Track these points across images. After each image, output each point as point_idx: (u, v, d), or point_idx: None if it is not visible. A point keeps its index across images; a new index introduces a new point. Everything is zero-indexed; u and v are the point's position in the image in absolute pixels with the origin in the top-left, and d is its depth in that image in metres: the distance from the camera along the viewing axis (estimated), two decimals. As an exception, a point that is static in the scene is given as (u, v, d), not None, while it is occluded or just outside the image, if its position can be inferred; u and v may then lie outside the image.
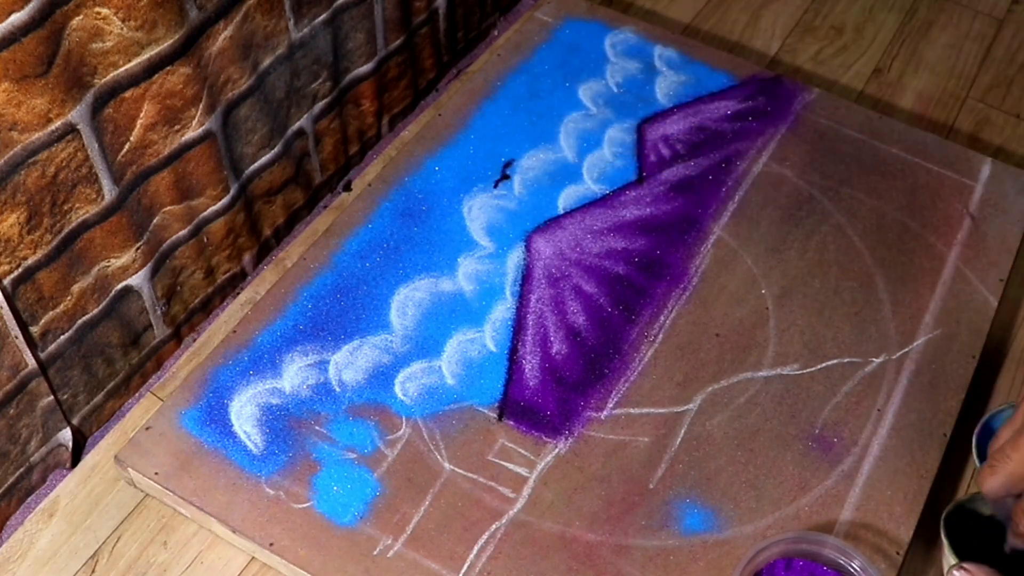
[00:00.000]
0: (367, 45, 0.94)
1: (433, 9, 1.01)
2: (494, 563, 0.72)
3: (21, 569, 0.74)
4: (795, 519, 0.75)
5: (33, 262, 0.70)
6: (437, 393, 0.81)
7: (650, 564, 0.73)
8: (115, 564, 0.74)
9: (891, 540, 0.74)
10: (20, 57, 0.62)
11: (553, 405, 0.80)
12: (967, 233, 0.92)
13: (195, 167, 0.80)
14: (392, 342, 0.83)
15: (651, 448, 0.78)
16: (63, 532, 0.75)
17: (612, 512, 0.75)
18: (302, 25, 0.85)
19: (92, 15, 0.66)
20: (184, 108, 0.76)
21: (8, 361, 0.71)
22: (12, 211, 0.67)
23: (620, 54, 1.06)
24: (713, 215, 0.93)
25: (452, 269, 0.88)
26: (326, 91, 0.92)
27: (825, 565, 0.71)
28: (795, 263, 0.90)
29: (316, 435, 0.78)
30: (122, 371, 0.83)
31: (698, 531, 0.74)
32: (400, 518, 0.74)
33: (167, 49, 0.72)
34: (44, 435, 0.77)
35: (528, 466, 0.77)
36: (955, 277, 0.89)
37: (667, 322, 0.86)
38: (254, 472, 0.76)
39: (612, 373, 0.82)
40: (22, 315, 0.71)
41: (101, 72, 0.69)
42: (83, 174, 0.71)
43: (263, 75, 0.83)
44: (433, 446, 0.78)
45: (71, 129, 0.68)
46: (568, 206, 0.93)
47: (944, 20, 1.19)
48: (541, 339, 0.84)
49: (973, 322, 0.86)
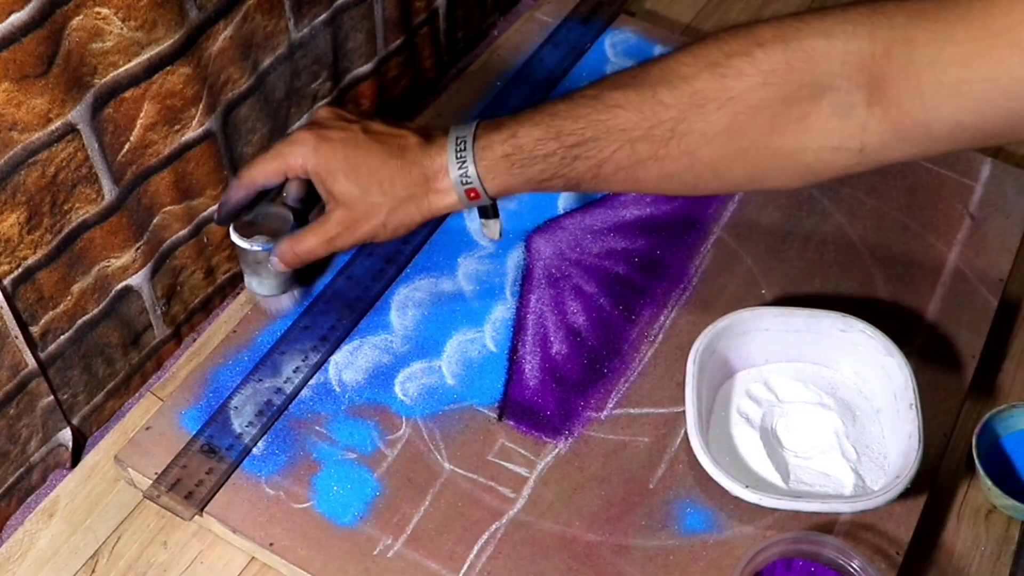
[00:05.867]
0: (367, 45, 0.94)
1: (433, 9, 1.01)
2: (494, 563, 0.72)
3: (21, 569, 0.74)
4: (795, 519, 0.75)
5: (33, 262, 0.70)
6: (437, 393, 0.81)
7: (650, 564, 0.73)
8: (115, 564, 0.74)
9: (891, 540, 0.74)
10: (20, 57, 0.62)
11: (553, 405, 0.80)
12: (967, 233, 0.92)
13: (195, 167, 0.80)
14: (392, 342, 0.83)
15: (651, 448, 0.78)
16: (63, 532, 0.75)
17: (612, 512, 0.75)
18: (302, 25, 0.85)
19: (92, 15, 0.66)
20: (184, 108, 0.76)
21: (8, 361, 0.71)
22: (12, 211, 0.67)
23: (620, 54, 1.06)
24: (713, 215, 0.93)
25: (452, 269, 0.88)
26: (326, 91, 0.92)
27: (825, 565, 0.71)
28: (795, 263, 0.90)
29: (316, 435, 0.78)
30: (122, 371, 0.83)
31: (698, 531, 0.74)
32: (400, 518, 0.74)
33: (167, 49, 0.72)
34: (44, 435, 0.77)
35: (528, 466, 0.77)
36: (955, 277, 0.89)
37: (667, 322, 0.85)
38: (254, 472, 0.76)
39: (612, 373, 0.82)
40: (22, 315, 0.71)
41: (101, 72, 0.69)
42: (83, 174, 0.71)
43: (263, 75, 0.83)
44: (433, 446, 0.78)
45: (71, 129, 0.68)
46: (568, 206, 0.93)
47: (944, 20, 1.19)
48: (541, 339, 0.84)
49: (973, 322, 0.86)
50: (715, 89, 0.65)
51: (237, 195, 0.75)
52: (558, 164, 0.69)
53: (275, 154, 0.73)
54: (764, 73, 0.64)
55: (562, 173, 0.69)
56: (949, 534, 0.78)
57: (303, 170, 0.73)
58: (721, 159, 0.67)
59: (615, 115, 0.67)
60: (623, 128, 0.67)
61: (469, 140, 0.71)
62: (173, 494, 0.74)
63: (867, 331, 0.79)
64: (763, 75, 0.64)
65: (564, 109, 0.69)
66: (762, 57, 0.64)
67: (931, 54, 0.59)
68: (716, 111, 0.65)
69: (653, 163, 0.67)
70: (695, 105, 0.65)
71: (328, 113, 0.75)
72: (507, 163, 0.70)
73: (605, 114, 0.67)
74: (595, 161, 0.68)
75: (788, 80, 0.63)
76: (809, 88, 0.63)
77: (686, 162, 0.67)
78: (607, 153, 0.68)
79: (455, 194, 0.72)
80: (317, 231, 0.74)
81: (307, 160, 0.72)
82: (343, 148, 0.72)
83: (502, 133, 0.70)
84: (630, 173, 0.68)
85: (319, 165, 0.72)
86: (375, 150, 0.72)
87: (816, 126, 0.64)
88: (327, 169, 0.72)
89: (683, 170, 0.67)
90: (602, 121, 0.67)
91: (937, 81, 0.59)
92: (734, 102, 0.64)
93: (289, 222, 0.78)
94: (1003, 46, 0.57)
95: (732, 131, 0.65)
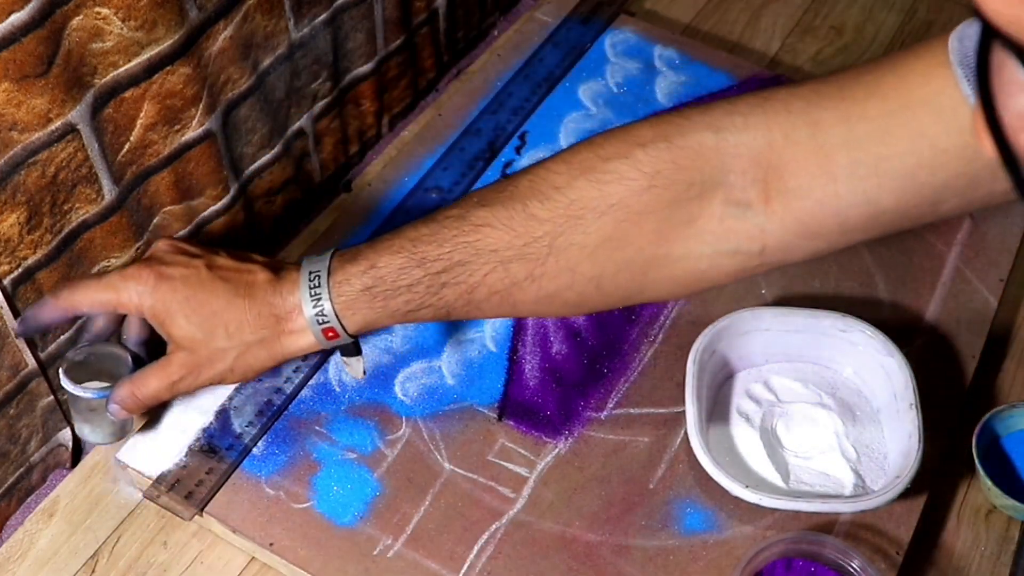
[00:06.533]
0: (367, 45, 0.94)
1: (433, 9, 1.01)
2: (494, 563, 0.72)
3: (21, 569, 0.74)
4: (795, 519, 0.75)
5: (33, 262, 0.70)
6: (437, 393, 0.81)
7: (650, 564, 0.73)
8: (115, 564, 0.74)
9: (891, 540, 0.74)
10: (20, 57, 0.62)
11: (553, 405, 0.80)
12: (967, 233, 0.92)
13: (195, 167, 0.80)
14: (392, 342, 0.83)
15: (651, 448, 0.78)
16: (63, 532, 0.75)
17: (612, 512, 0.75)
18: (302, 25, 0.85)
19: (92, 15, 0.66)
20: (184, 108, 0.76)
21: (8, 361, 0.71)
22: (12, 211, 0.67)
23: (620, 54, 1.06)
24: (713, 215, 0.93)
25: (452, 269, 0.88)
26: (326, 91, 0.92)
27: (825, 565, 0.71)
28: (795, 263, 0.90)
29: (316, 435, 0.78)
30: (122, 371, 0.83)
31: (698, 531, 0.74)
32: (400, 518, 0.74)
33: (167, 49, 0.72)
34: (44, 435, 0.77)
35: (528, 466, 0.77)
36: (955, 277, 0.89)
37: (667, 322, 0.85)
38: (254, 472, 0.76)
39: (612, 373, 0.82)
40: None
41: (101, 72, 0.69)
42: (83, 174, 0.71)
43: (263, 75, 0.83)
44: (433, 446, 0.78)
45: (71, 129, 0.68)
46: (568, 206, 0.93)
47: (944, 20, 1.19)
48: (541, 339, 0.84)
49: (973, 322, 0.86)
50: (593, 197, 0.60)
51: (50, 314, 0.67)
52: (424, 293, 0.64)
53: (107, 285, 0.66)
54: (648, 176, 0.59)
55: (430, 303, 0.65)
56: (949, 534, 0.78)
57: (138, 310, 0.67)
58: (604, 272, 0.62)
59: (484, 235, 0.62)
60: (494, 248, 0.62)
61: (323, 275, 0.65)
62: (173, 494, 0.74)
63: (867, 331, 0.79)
64: (647, 177, 0.59)
65: (427, 233, 0.64)
66: (643, 158, 0.59)
67: (841, 134, 0.55)
68: (596, 220, 0.60)
69: (530, 284, 0.63)
70: (572, 216, 0.60)
71: (167, 247, 0.69)
72: (368, 297, 0.65)
73: (473, 235, 0.62)
74: (466, 287, 0.63)
75: (675, 180, 0.59)
76: (698, 187, 0.59)
77: (566, 280, 0.62)
78: (478, 277, 0.63)
79: (311, 334, 0.67)
80: (159, 373, 0.68)
81: (143, 300, 0.66)
82: (184, 287, 0.66)
83: (359, 264, 0.65)
84: (505, 297, 0.64)
85: (157, 306, 0.66)
86: (219, 289, 0.66)
87: (708, 229, 0.60)
88: (166, 311, 0.66)
89: (564, 288, 0.63)
90: (470, 243, 0.63)
91: (853, 161, 0.55)
92: (615, 209, 0.59)
93: (127, 365, 0.70)
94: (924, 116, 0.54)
95: (615, 241, 0.60)
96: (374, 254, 0.65)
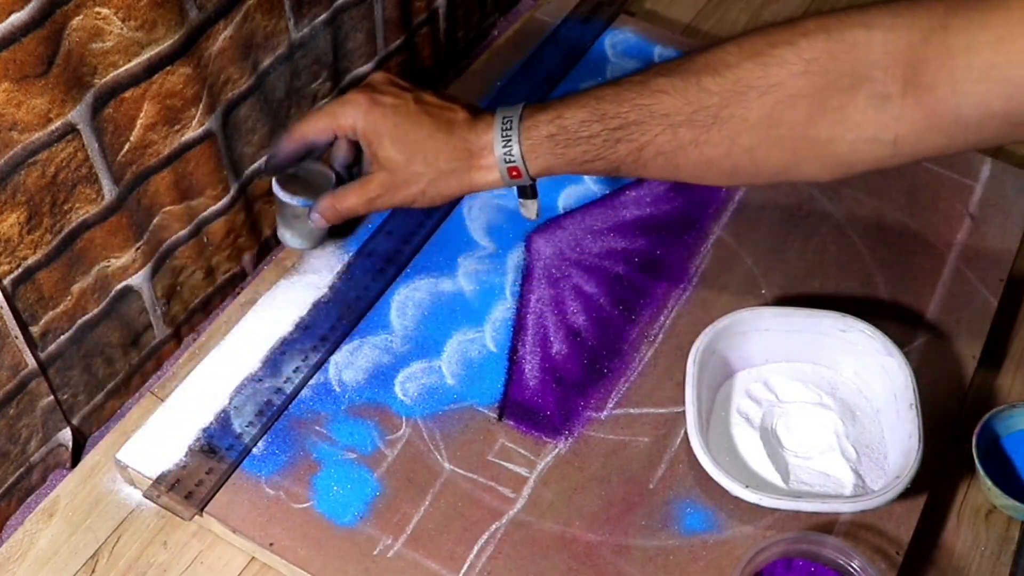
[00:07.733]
0: (367, 45, 0.94)
1: (433, 9, 1.01)
2: (494, 563, 0.72)
3: (21, 569, 0.74)
4: (795, 519, 0.75)
5: (33, 262, 0.70)
6: (437, 393, 0.81)
7: (650, 564, 0.73)
8: (115, 564, 0.74)
9: (891, 540, 0.74)
10: (20, 57, 0.62)
11: (553, 405, 0.80)
12: (967, 233, 0.92)
13: (195, 167, 0.80)
14: (392, 342, 0.83)
15: (651, 448, 0.78)
16: (63, 532, 0.75)
17: (612, 512, 0.75)
18: (302, 25, 0.85)
19: (92, 15, 0.66)
20: (184, 108, 0.76)
21: (8, 361, 0.71)
22: (12, 211, 0.67)
23: (620, 54, 1.06)
24: (713, 215, 0.93)
25: (452, 269, 0.88)
26: (326, 91, 0.92)
27: (825, 565, 0.71)
28: (795, 263, 0.90)
29: (316, 435, 0.78)
30: (122, 371, 0.83)
31: (698, 531, 0.74)
32: (400, 518, 0.74)
33: (167, 49, 0.72)
34: (44, 435, 0.77)
35: (528, 466, 0.77)
36: (955, 277, 0.89)
37: (667, 322, 0.85)
38: (254, 472, 0.76)
39: (612, 373, 0.82)
40: (22, 315, 0.71)
41: (101, 72, 0.69)
42: (83, 174, 0.71)
43: (263, 75, 0.83)
44: (433, 446, 0.78)
45: (71, 129, 0.68)
46: (568, 206, 0.93)
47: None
48: (541, 339, 0.84)
49: (973, 322, 0.86)
50: (757, 77, 0.66)
51: (287, 148, 0.76)
52: (600, 146, 0.70)
53: (327, 112, 0.75)
54: (806, 61, 0.65)
55: (604, 155, 0.71)
56: (949, 534, 0.78)
57: (352, 130, 0.74)
58: (759, 146, 0.68)
59: (659, 100, 0.68)
60: (666, 113, 0.68)
61: (515, 120, 0.72)
62: (173, 494, 0.74)
63: (867, 331, 0.79)
64: (804, 63, 0.65)
65: (610, 93, 0.70)
66: (805, 46, 0.65)
67: (965, 40, 0.61)
68: (757, 98, 0.66)
69: (693, 148, 0.69)
70: (738, 92, 0.67)
71: (383, 78, 0.77)
72: (551, 143, 0.71)
73: (650, 99, 0.69)
74: (637, 144, 0.69)
75: (828, 69, 0.65)
76: (848, 79, 0.64)
77: (725, 148, 0.68)
78: (649, 136, 0.69)
79: (497, 172, 0.73)
80: (359, 190, 0.75)
81: (357, 121, 0.74)
82: (393, 115, 0.73)
83: (548, 114, 0.72)
84: (670, 159, 0.70)
85: (368, 128, 0.73)
86: (424, 121, 0.73)
87: (852, 117, 0.65)
88: (375, 132, 0.73)
89: (721, 156, 0.69)
90: (646, 106, 0.69)
91: (968, 65, 0.60)
92: (775, 89, 0.66)
93: (331, 181, 0.79)
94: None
95: (772, 118, 0.66)
96: (562, 106, 0.72)
